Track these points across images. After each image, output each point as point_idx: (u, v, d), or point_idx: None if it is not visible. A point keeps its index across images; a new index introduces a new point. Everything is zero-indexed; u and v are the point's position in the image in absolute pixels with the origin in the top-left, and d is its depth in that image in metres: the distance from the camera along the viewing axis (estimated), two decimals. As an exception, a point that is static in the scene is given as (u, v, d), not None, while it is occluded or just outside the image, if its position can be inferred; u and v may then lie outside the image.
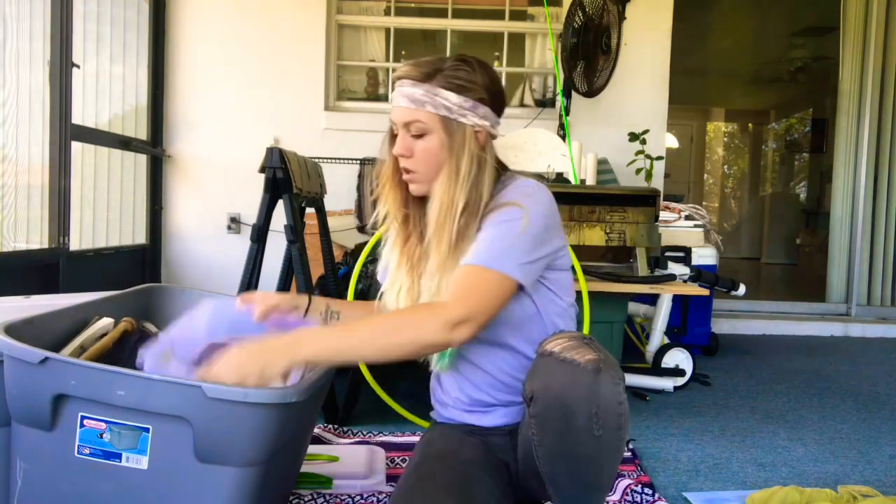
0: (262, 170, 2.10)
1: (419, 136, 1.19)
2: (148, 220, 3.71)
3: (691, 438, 2.03)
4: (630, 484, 1.55)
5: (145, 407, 1.01)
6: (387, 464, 1.68)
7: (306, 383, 1.08)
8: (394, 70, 4.01)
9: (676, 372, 2.63)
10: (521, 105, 4.04)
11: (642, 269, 2.53)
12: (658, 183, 3.75)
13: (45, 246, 2.74)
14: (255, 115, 3.79)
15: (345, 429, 1.99)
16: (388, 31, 4.06)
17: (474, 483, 1.09)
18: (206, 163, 3.80)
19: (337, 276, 2.63)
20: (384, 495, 1.48)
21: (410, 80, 1.18)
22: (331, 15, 3.90)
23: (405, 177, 1.22)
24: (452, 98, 1.17)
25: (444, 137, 1.18)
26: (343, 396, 2.09)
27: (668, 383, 2.59)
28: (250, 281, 2.13)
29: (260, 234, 2.14)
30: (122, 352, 1.30)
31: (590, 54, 3.44)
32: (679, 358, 2.66)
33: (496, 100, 1.22)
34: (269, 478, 1.11)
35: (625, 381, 1.06)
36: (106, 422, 1.02)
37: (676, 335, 3.12)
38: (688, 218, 3.27)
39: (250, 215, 2.45)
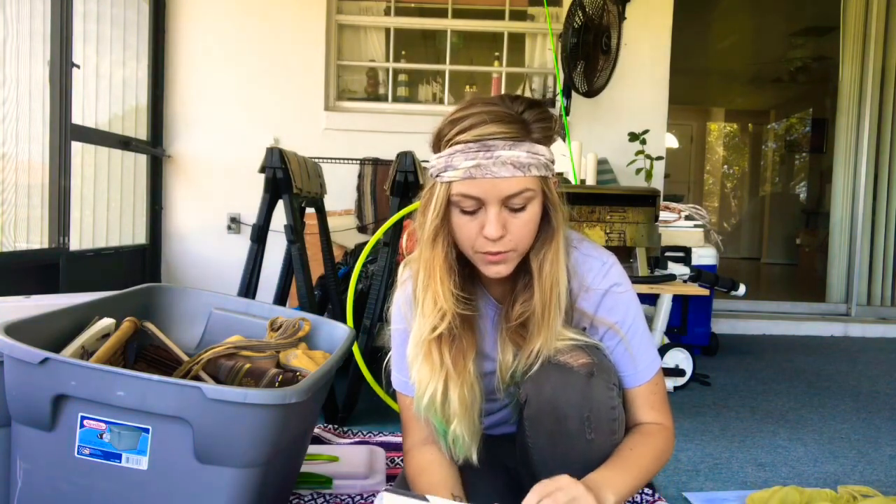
0: (262, 170, 2.10)
1: (521, 208, 0.94)
2: (148, 220, 3.71)
3: (691, 438, 2.03)
4: (630, 484, 1.55)
5: (145, 408, 1.00)
6: (387, 464, 1.68)
7: (306, 383, 1.08)
8: (395, 71, 4.01)
9: (676, 372, 2.63)
10: (521, 105, 4.03)
11: (642, 269, 2.53)
12: (658, 183, 3.75)
13: (45, 246, 2.74)
14: (255, 115, 3.79)
15: (345, 429, 1.99)
16: (388, 31, 4.06)
17: (469, 482, 1.09)
18: (206, 163, 3.80)
19: (337, 276, 2.63)
20: (384, 495, 1.48)
21: (507, 138, 0.91)
22: (331, 15, 3.90)
23: (492, 258, 0.96)
24: (546, 153, 0.96)
25: (545, 202, 0.97)
26: (343, 396, 2.09)
27: (668, 383, 2.59)
28: (250, 281, 2.14)
29: (260, 234, 2.15)
30: (126, 352, 1.31)
31: (590, 54, 3.44)
32: (679, 358, 2.66)
33: None
34: (269, 478, 1.11)
35: (620, 385, 1.05)
36: (106, 422, 1.02)
37: (676, 335, 3.13)
38: (688, 218, 3.26)
39: (250, 215, 2.46)
